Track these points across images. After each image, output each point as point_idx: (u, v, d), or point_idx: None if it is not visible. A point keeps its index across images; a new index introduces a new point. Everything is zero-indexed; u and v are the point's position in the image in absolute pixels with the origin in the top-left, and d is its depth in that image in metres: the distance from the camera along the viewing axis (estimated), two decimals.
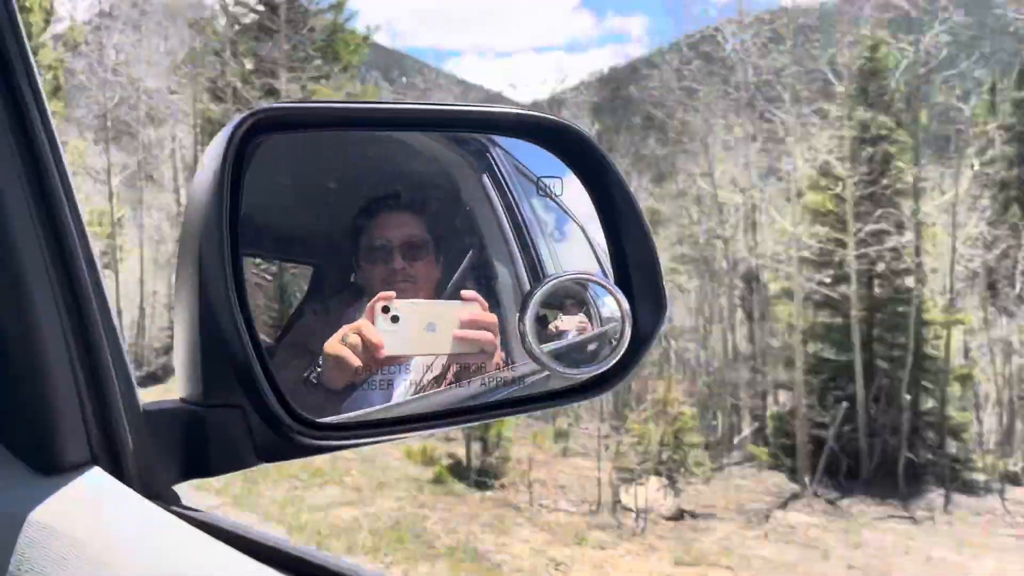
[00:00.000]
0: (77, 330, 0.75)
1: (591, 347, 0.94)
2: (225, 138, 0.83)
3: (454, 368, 0.88)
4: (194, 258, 0.82)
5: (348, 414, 0.86)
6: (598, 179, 0.97)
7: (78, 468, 0.72)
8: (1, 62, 0.74)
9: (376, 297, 0.85)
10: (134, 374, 0.79)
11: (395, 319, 0.84)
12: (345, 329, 0.84)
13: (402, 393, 0.88)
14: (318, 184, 1.00)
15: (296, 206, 0.99)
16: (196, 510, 0.72)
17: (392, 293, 0.85)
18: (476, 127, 1.00)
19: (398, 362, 0.86)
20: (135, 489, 0.72)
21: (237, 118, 0.84)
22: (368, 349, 0.83)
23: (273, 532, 0.69)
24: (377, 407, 0.87)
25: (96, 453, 0.73)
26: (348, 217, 0.96)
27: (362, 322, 0.84)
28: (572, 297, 0.95)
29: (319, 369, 0.85)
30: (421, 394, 0.89)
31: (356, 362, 0.83)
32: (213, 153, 0.83)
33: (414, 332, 0.85)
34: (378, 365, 0.84)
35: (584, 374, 0.94)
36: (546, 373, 0.93)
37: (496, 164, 1.05)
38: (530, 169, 1.01)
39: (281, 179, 0.96)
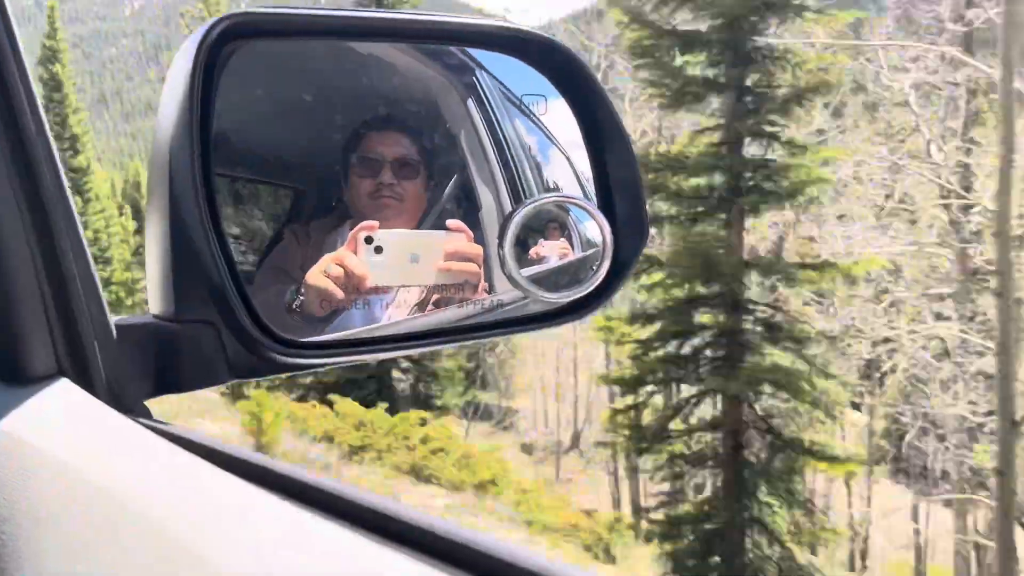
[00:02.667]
0: (42, 241, 0.73)
1: (571, 272, 0.93)
2: (194, 44, 0.79)
3: (436, 297, 0.87)
4: (164, 171, 0.80)
5: (324, 336, 0.85)
6: (582, 97, 0.94)
7: (45, 379, 0.71)
8: None
9: (359, 227, 0.83)
10: (102, 288, 0.78)
11: (378, 250, 0.82)
12: (327, 259, 0.83)
13: (383, 319, 0.87)
14: (295, 101, 0.97)
15: (273, 124, 0.97)
16: (167, 423, 0.71)
17: (375, 223, 0.84)
18: (461, 40, 0.97)
19: (381, 292, 0.84)
20: (104, 402, 0.71)
21: (206, 24, 0.80)
22: (351, 280, 0.82)
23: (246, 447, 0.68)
24: (355, 329, 0.87)
25: (63, 365, 0.72)
26: (331, 137, 0.94)
27: (345, 253, 0.82)
28: (554, 221, 0.94)
29: (301, 298, 0.83)
30: (401, 319, 0.88)
31: (339, 294, 0.82)
32: (182, 60, 0.80)
33: (398, 263, 0.84)
34: (361, 296, 0.83)
35: (564, 298, 0.93)
36: (526, 297, 0.92)
37: (481, 86, 1.02)
38: (515, 87, 0.98)
39: (255, 92, 0.93)
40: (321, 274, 0.82)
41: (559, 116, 0.99)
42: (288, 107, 0.96)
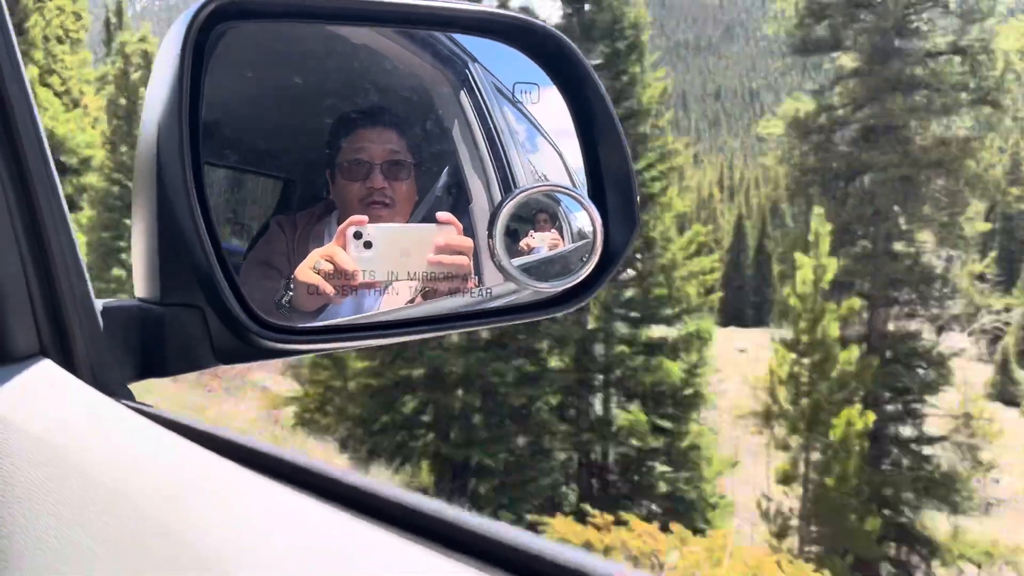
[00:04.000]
0: (26, 222, 0.72)
1: (561, 262, 0.93)
2: (183, 26, 0.78)
3: (426, 289, 0.87)
4: (152, 154, 0.79)
5: (309, 323, 0.84)
6: (576, 86, 0.94)
7: (27, 359, 0.70)
8: None
9: (347, 222, 0.82)
10: (86, 269, 0.77)
11: (368, 244, 0.82)
12: (316, 254, 0.82)
13: (374, 309, 0.86)
14: (284, 88, 0.96)
15: (261, 111, 0.96)
16: (149, 405, 0.70)
17: (365, 218, 0.83)
18: (453, 25, 0.96)
19: (371, 287, 0.84)
20: (86, 383, 0.70)
21: (194, 5, 0.79)
22: (341, 276, 0.81)
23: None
24: (344, 317, 0.86)
25: (45, 345, 0.71)
26: (320, 128, 0.93)
27: (334, 248, 0.82)
28: (544, 211, 0.93)
29: (291, 294, 0.82)
30: (395, 306, 0.87)
31: (329, 290, 0.81)
32: (170, 43, 0.79)
33: (387, 257, 0.83)
34: (350, 291, 0.82)
35: (553, 288, 0.92)
36: (515, 286, 0.91)
37: (473, 78, 1.02)
38: (508, 74, 0.98)
39: (245, 76, 0.92)
40: (310, 270, 0.81)
41: (552, 105, 0.99)
42: (277, 94, 0.95)
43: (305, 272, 0.81)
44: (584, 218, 0.92)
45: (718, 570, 8.90)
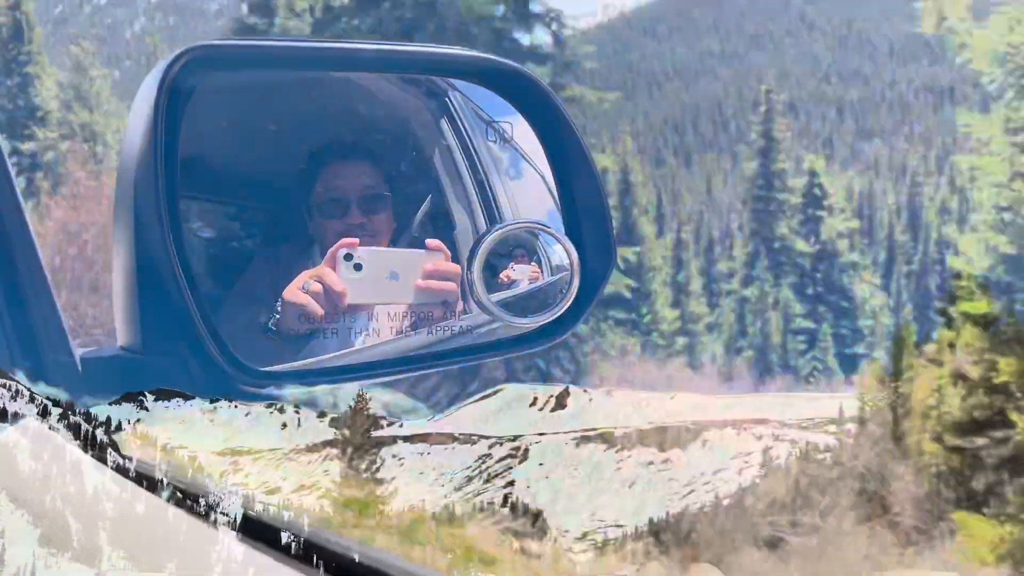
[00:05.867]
0: (2, 276, 0.73)
1: (540, 297, 0.94)
2: (158, 76, 0.79)
3: (413, 317, 0.87)
4: (130, 201, 0.80)
5: (289, 364, 0.84)
6: (549, 125, 0.95)
7: (10, 416, 0.70)
8: None
9: (339, 243, 0.82)
10: (66, 322, 0.78)
11: (358, 267, 0.82)
12: (305, 275, 0.82)
13: (358, 340, 0.87)
14: (264, 126, 0.97)
15: (243, 149, 0.97)
16: (130, 458, 0.71)
17: (355, 240, 0.83)
18: (427, 69, 0.97)
19: (360, 310, 0.84)
20: (69, 435, 0.71)
21: (171, 55, 0.80)
22: (331, 297, 0.81)
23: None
24: (325, 356, 0.86)
25: (28, 400, 0.72)
26: (298, 162, 0.93)
27: (323, 269, 0.82)
28: (522, 246, 0.94)
29: (277, 316, 0.82)
30: (375, 342, 0.87)
31: (318, 310, 0.81)
32: (146, 91, 0.80)
33: (377, 280, 0.83)
34: (339, 313, 0.82)
35: (533, 323, 0.93)
36: (494, 321, 0.92)
37: (454, 107, 1.03)
38: (486, 110, 0.99)
39: (224, 119, 0.93)
40: (299, 290, 0.81)
41: (530, 135, 1.00)
42: (257, 132, 0.96)
43: (293, 292, 0.81)
44: (561, 252, 0.93)
45: None
